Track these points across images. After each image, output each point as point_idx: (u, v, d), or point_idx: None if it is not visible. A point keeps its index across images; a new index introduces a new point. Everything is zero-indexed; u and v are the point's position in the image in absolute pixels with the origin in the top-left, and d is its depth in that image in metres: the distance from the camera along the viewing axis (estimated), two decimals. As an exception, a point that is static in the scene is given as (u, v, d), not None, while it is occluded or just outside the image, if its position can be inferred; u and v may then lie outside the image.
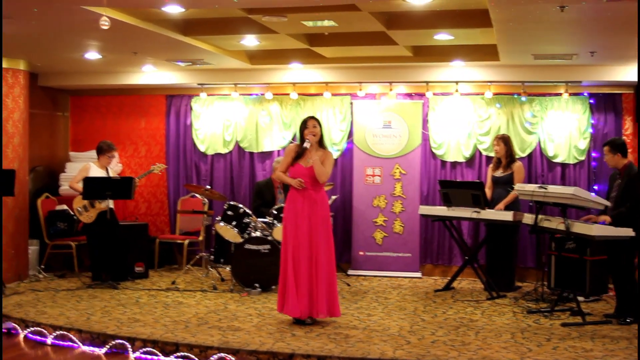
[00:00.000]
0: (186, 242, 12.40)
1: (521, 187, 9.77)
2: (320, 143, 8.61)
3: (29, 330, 8.46)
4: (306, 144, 8.50)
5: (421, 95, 12.24)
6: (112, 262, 11.06)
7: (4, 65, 11.20)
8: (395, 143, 12.13)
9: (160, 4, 7.79)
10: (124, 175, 12.33)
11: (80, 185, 10.80)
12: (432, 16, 8.94)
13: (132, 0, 7.60)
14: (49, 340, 8.17)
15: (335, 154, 12.21)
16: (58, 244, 12.11)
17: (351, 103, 12.45)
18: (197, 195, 12.51)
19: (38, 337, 8.31)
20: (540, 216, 9.37)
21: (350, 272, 12.10)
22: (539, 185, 9.33)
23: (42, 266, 12.06)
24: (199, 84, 12.67)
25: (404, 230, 12.03)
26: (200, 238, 12.40)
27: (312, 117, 8.69)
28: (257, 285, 10.32)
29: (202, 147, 13.06)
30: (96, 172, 11.07)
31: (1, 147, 10.92)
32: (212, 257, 11.57)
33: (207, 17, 9.27)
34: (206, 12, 9.02)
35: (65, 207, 12.27)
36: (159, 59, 11.29)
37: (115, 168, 12.26)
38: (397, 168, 12.08)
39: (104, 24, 7.23)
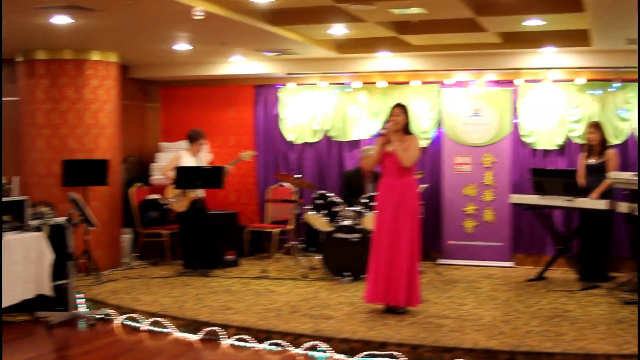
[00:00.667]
0: (276, 230, 12.49)
1: (616, 175, 9.56)
2: (405, 130, 8.57)
3: (124, 316, 8.63)
4: (381, 130, 8.56)
5: (510, 83, 12.06)
6: (204, 251, 11.22)
7: (97, 58, 11.43)
8: (484, 131, 11.98)
9: (250, -6, 7.84)
10: (213, 165, 12.45)
11: (172, 174, 10.96)
12: (522, 1, 8.78)
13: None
14: (144, 327, 8.32)
15: (425, 143, 12.11)
16: (150, 232, 12.34)
17: (440, 91, 12.34)
18: (286, 184, 12.58)
19: (133, 324, 8.47)
20: (635, 205, 9.15)
21: (440, 261, 12.01)
22: (634, 173, 9.11)
23: (136, 254, 12.30)
24: (286, 74, 12.73)
25: (494, 219, 11.89)
26: (290, 227, 12.47)
27: (398, 105, 8.67)
28: (347, 273, 10.33)
29: (290, 137, 13.12)
30: (188, 160, 11.23)
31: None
32: (302, 245, 11.64)
33: (296, 6, 9.26)
34: (294, 2, 9.02)
35: (157, 196, 12.48)
36: (247, 49, 11.36)
37: (205, 158, 12.41)
38: (487, 156, 11.94)
39: (198, 14, 7.28)
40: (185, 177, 10.87)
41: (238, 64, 12.59)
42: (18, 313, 8.68)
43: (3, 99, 11.99)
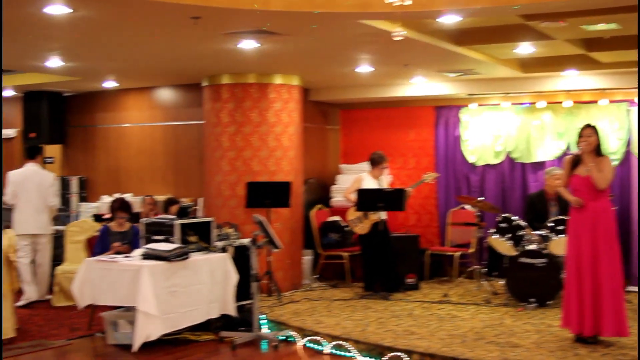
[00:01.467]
0: (457, 254, 12.27)
1: None
2: (597, 152, 8.22)
3: (306, 339, 8.62)
4: (575, 151, 8.28)
5: None
6: (385, 273, 11.14)
7: (280, 81, 11.60)
8: (678, 151, 11.40)
9: (438, 15, 7.71)
10: (394, 187, 12.37)
11: (353, 197, 10.98)
12: None
13: (411, 12, 7.51)
14: (327, 350, 8.26)
15: (613, 164, 11.61)
16: (330, 254, 12.39)
17: (629, 110, 11.82)
18: (467, 207, 12.35)
19: (315, 346, 8.44)
20: None
21: (629, 288, 11.44)
22: None
23: (316, 276, 12.36)
24: (468, 94, 12.54)
25: (689, 245, 11.26)
26: (472, 250, 12.23)
27: (589, 126, 8.34)
28: (532, 299, 10.00)
29: (471, 158, 12.89)
30: (369, 183, 11.23)
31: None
32: (484, 269, 11.39)
33: (482, 25, 9.10)
34: (481, 21, 8.86)
35: (337, 218, 12.53)
36: (429, 70, 11.27)
37: (386, 180, 12.36)
38: (681, 178, 11.35)
39: (398, 34, 7.26)
40: (367, 199, 10.86)
41: (419, 85, 12.51)
42: (203, 332, 8.84)
43: (190, 122, 12.47)
